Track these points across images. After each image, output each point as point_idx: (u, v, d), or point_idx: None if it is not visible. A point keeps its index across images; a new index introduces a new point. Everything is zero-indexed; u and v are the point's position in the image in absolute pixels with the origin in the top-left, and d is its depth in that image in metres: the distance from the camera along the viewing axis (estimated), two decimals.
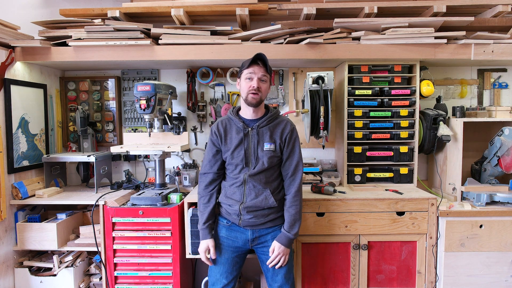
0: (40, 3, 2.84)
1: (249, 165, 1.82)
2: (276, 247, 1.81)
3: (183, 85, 2.85)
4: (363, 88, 2.49)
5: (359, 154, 2.52)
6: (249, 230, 1.85)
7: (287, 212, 1.83)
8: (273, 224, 1.86)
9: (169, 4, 2.49)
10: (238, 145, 1.82)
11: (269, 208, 1.82)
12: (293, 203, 1.83)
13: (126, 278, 2.26)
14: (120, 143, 2.88)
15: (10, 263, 2.32)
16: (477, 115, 2.49)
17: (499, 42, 2.36)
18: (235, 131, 1.84)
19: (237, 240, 1.87)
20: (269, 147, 1.81)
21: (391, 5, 2.40)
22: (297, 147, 1.86)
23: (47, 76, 2.70)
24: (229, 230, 1.88)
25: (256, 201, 1.80)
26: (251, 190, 1.81)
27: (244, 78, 1.80)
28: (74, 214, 2.48)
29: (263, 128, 1.83)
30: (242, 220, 1.83)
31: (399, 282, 2.31)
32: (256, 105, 1.80)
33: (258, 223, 1.83)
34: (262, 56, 1.78)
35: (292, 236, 1.80)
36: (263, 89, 1.79)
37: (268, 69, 1.79)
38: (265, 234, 1.86)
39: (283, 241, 1.80)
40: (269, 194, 1.81)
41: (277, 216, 1.86)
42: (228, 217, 1.88)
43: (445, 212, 2.22)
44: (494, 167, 2.40)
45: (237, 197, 1.83)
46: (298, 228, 1.83)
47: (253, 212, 1.81)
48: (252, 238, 1.85)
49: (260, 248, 1.89)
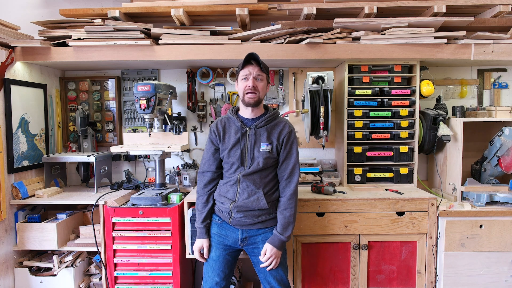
0: (40, 3, 2.84)
1: (244, 165, 1.82)
2: (268, 249, 1.80)
3: (183, 85, 2.85)
4: (363, 88, 2.49)
5: (359, 154, 2.52)
6: (239, 230, 1.85)
7: (281, 214, 1.82)
8: (263, 226, 1.84)
9: (169, 4, 2.49)
10: (235, 144, 1.82)
11: (260, 209, 1.81)
12: (288, 206, 1.81)
13: (126, 278, 2.27)
14: (120, 143, 2.88)
15: (10, 263, 2.32)
16: (477, 115, 2.49)
17: (499, 42, 2.36)
18: (234, 130, 1.85)
19: (228, 239, 1.87)
20: (265, 147, 1.80)
21: (391, 5, 2.40)
22: (294, 150, 1.84)
23: (47, 76, 2.70)
24: (220, 228, 1.89)
25: (247, 201, 1.79)
26: (244, 190, 1.80)
27: (240, 79, 1.81)
28: (74, 214, 2.48)
29: (260, 129, 1.82)
30: (232, 219, 1.83)
31: (399, 282, 2.31)
32: (254, 105, 1.80)
33: (247, 223, 1.83)
34: (254, 55, 1.78)
35: (284, 238, 1.79)
36: (259, 87, 1.79)
37: (262, 67, 1.79)
38: (255, 235, 1.85)
39: (275, 243, 1.79)
40: (262, 195, 1.79)
41: (268, 218, 1.84)
42: (220, 215, 1.89)
43: (445, 212, 2.22)
44: (494, 167, 2.40)
45: (230, 196, 1.83)
46: (292, 231, 1.82)
47: (244, 212, 1.81)
48: (242, 238, 1.85)
49: (250, 249, 1.89)
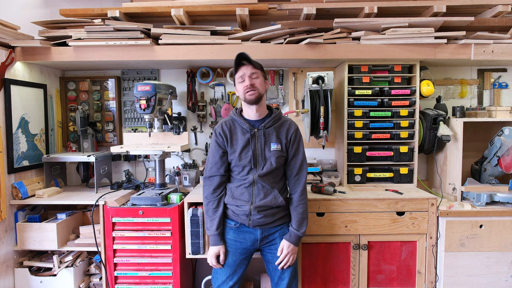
0: (40, 3, 2.84)
1: (257, 166, 1.82)
2: (285, 246, 1.84)
3: (183, 85, 2.85)
4: (363, 88, 2.49)
5: (359, 154, 2.52)
6: (258, 230, 1.86)
7: (295, 211, 1.86)
8: (281, 222, 1.89)
9: (169, 4, 2.49)
10: (245, 146, 1.82)
11: (277, 207, 1.85)
12: (300, 202, 1.86)
13: (126, 278, 2.27)
14: (120, 143, 2.88)
15: (10, 263, 2.32)
16: (477, 115, 2.49)
17: (499, 42, 2.36)
18: (241, 132, 1.84)
19: (246, 241, 1.87)
20: (276, 147, 1.83)
21: (391, 5, 2.40)
22: (301, 147, 1.89)
23: (47, 76, 2.70)
24: (237, 232, 1.87)
25: (265, 200, 1.81)
26: (260, 190, 1.82)
27: (237, 83, 1.83)
28: (74, 214, 2.48)
29: (269, 129, 1.84)
30: (252, 221, 1.83)
31: (399, 282, 2.31)
32: (256, 101, 1.80)
33: (267, 222, 1.85)
34: (244, 55, 1.78)
35: (301, 234, 1.85)
36: (257, 84, 1.79)
37: (255, 65, 1.80)
38: (273, 232, 1.88)
39: (293, 239, 1.84)
40: (277, 193, 1.83)
41: (284, 214, 1.89)
42: (236, 219, 1.87)
43: (445, 212, 2.22)
44: (494, 167, 2.40)
45: (246, 198, 1.83)
46: (306, 226, 1.87)
47: (263, 211, 1.83)
48: (261, 238, 1.87)
49: (267, 247, 1.90)
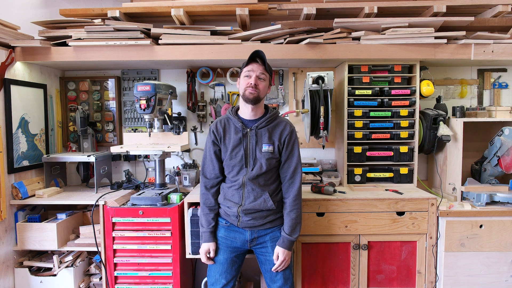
0: (40, 3, 2.84)
1: (247, 166, 1.80)
2: (280, 252, 1.81)
3: (183, 85, 2.85)
4: (363, 88, 2.49)
5: (359, 154, 2.52)
6: (247, 231, 1.84)
7: (288, 216, 1.82)
8: (272, 225, 1.85)
9: (169, 4, 2.49)
10: (236, 146, 1.80)
11: (267, 210, 1.82)
12: (294, 207, 1.81)
13: (126, 278, 2.27)
14: (120, 143, 2.88)
15: (10, 263, 2.32)
16: (477, 115, 2.49)
17: (499, 42, 2.36)
18: (234, 131, 1.82)
19: (236, 241, 1.86)
20: (267, 148, 1.79)
21: (391, 5, 2.40)
22: (296, 150, 1.84)
23: (47, 76, 2.70)
24: (228, 231, 1.87)
25: (254, 204, 1.79)
26: (249, 193, 1.80)
27: (243, 76, 1.79)
28: (74, 214, 2.48)
29: (262, 129, 1.81)
30: (241, 222, 1.82)
31: (399, 282, 2.31)
32: (253, 101, 1.76)
33: (256, 224, 1.83)
34: (260, 53, 1.76)
35: (294, 239, 1.81)
36: (261, 87, 1.77)
37: (266, 67, 1.78)
38: (264, 234, 1.85)
39: (286, 245, 1.80)
40: (268, 197, 1.80)
41: (276, 217, 1.85)
42: (227, 218, 1.87)
43: (445, 212, 2.22)
44: (494, 167, 2.40)
45: (236, 200, 1.82)
46: (299, 231, 1.83)
47: (252, 214, 1.81)
48: (251, 239, 1.85)
49: (258, 249, 1.89)
